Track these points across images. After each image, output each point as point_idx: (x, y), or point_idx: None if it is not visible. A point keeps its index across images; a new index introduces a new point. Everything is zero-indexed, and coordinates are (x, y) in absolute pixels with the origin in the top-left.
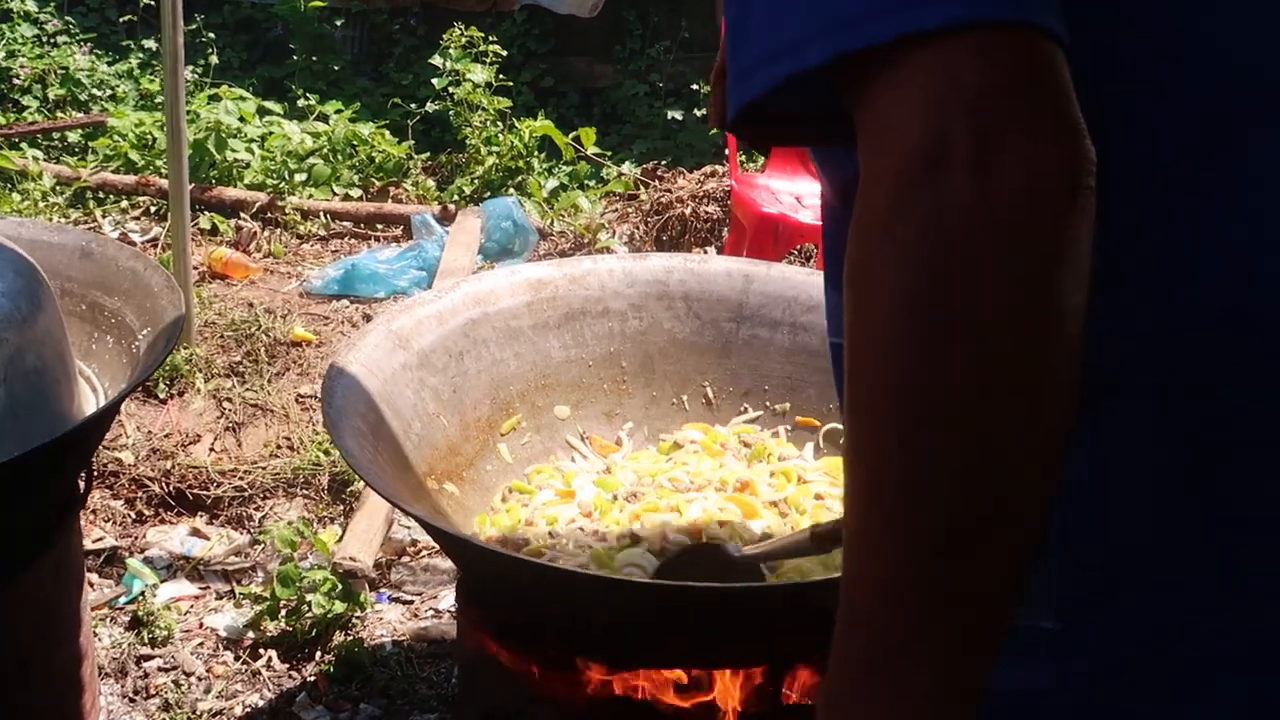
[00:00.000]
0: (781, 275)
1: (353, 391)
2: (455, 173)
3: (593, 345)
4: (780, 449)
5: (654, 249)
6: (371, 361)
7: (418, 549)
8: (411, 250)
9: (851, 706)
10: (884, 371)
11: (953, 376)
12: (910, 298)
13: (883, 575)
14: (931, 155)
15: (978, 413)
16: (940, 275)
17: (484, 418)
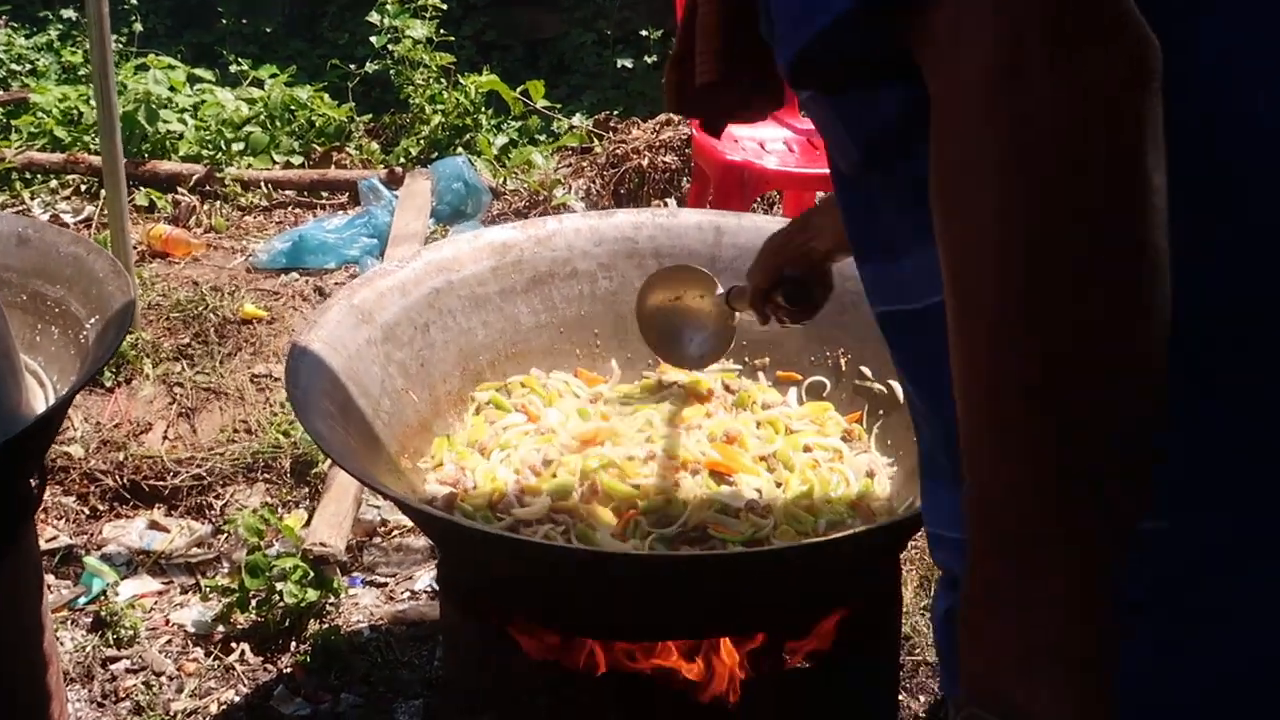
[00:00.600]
0: (754, 225)
1: (317, 371)
2: (400, 134)
3: (563, 309)
4: (763, 395)
5: (612, 203)
6: (334, 338)
7: (389, 529)
8: (360, 217)
9: (998, 624)
10: (1002, 273)
11: (1071, 262)
12: (1016, 195)
13: (1021, 482)
14: (1011, 60)
15: (1103, 293)
16: (1042, 169)
17: (454, 390)
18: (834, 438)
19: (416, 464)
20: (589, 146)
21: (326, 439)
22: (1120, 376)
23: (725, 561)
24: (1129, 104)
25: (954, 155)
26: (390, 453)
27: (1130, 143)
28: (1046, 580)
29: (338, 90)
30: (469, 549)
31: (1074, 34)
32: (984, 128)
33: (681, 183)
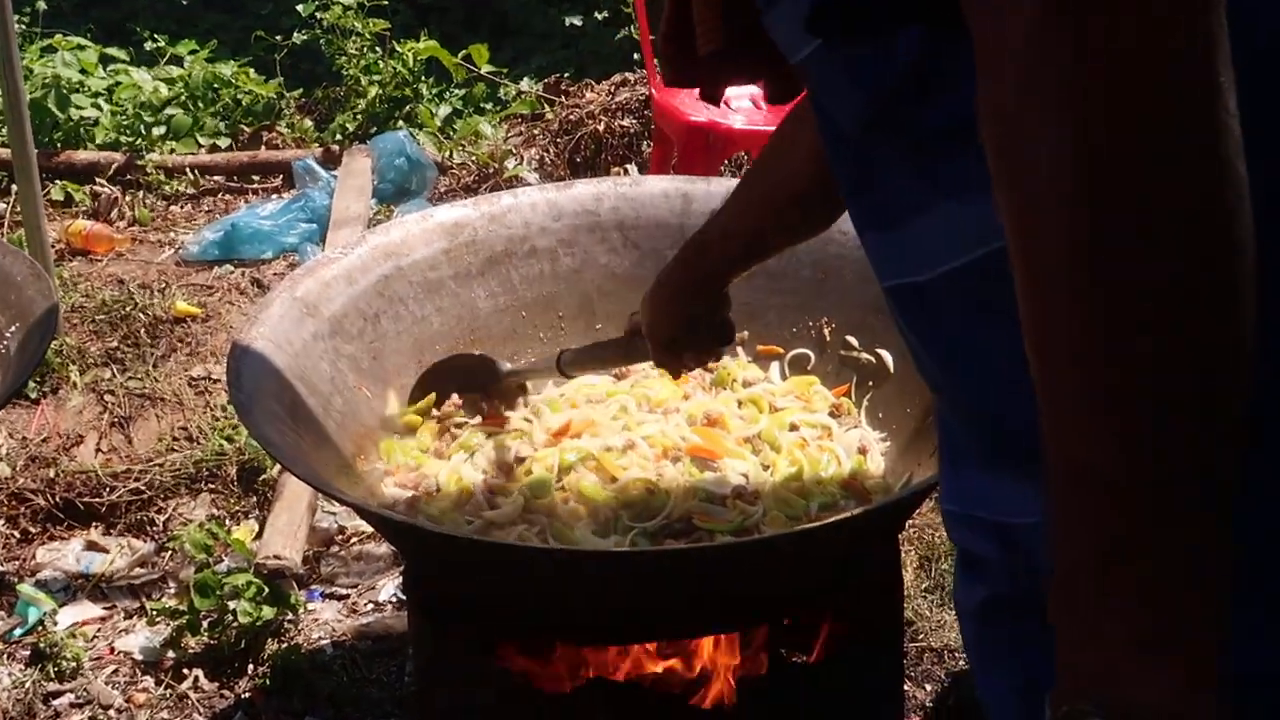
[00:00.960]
0: (724, 190)
1: (262, 371)
2: (334, 109)
3: (523, 290)
4: (744, 372)
5: (567, 173)
6: (278, 335)
7: (347, 537)
8: (296, 201)
9: (1113, 615)
10: (1072, 228)
11: (1155, 212)
12: (1087, 142)
13: (1113, 455)
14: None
15: (1190, 243)
16: (1116, 113)
17: (410, 384)
18: (822, 414)
19: (375, 465)
20: (540, 113)
21: (276, 444)
22: (1218, 309)
23: (713, 554)
24: (1198, 38)
25: (1005, 112)
26: (346, 455)
27: (1206, 81)
28: (1166, 565)
29: (264, 64)
30: (437, 555)
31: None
32: (1045, 73)
33: (642, 147)
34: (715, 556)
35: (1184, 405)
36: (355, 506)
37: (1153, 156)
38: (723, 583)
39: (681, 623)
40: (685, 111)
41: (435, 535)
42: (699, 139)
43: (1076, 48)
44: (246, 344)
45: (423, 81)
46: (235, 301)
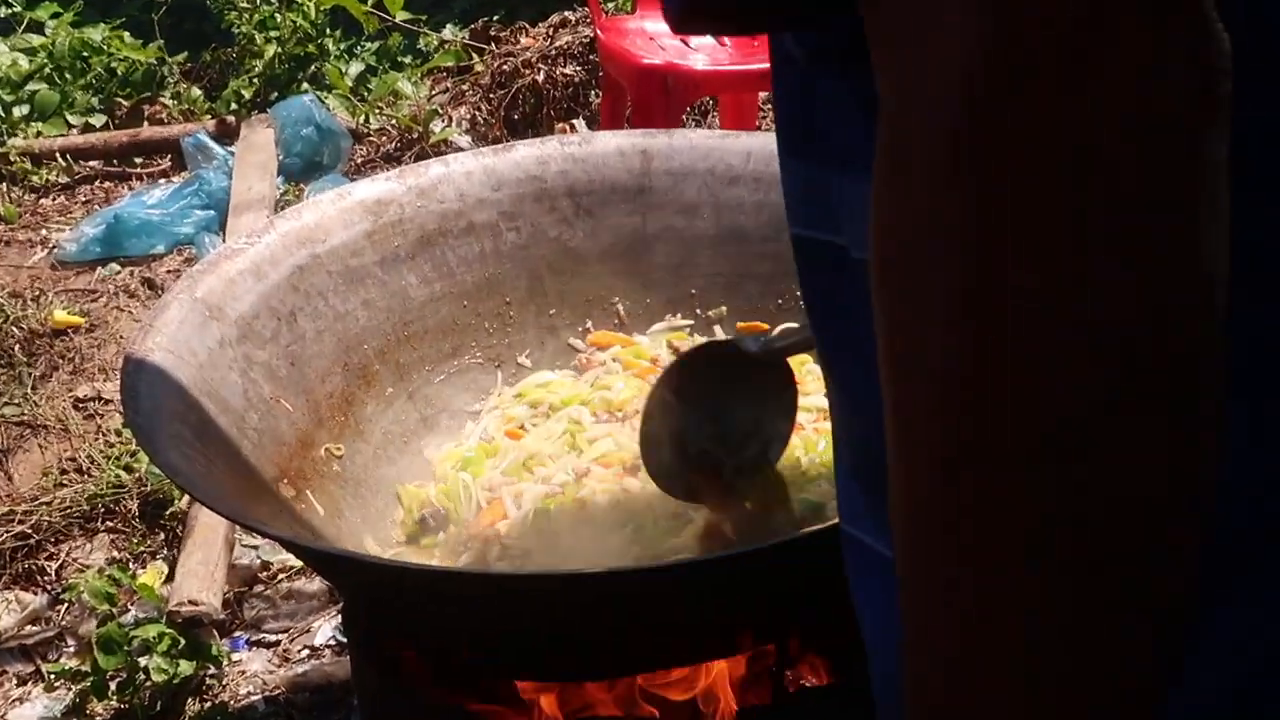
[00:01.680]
0: (688, 144)
1: (162, 388)
2: (227, 74)
3: (461, 274)
4: None
5: (505, 133)
6: (179, 344)
7: (272, 574)
8: (189, 185)
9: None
10: (978, 410)
11: (1090, 395)
12: (998, 283)
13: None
14: (1004, 65)
15: (1134, 445)
16: (1054, 242)
17: (337, 392)
18: (817, 396)
19: (303, 491)
20: (468, 65)
21: (185, 474)
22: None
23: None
24: (1179, 141)
25: (898, 220)
26: (267, 479)
27: (1180, 211)
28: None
29: (140, 26)
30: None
31: (1104, 24)
32: (959, 177)
33: (590, 98)
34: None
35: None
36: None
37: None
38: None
39: (669, 650)
40: (637, 53)
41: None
42: (655, 84)
43: (1011, 158)
44: (142, 357)
45: (328, 36)
46: (125, 307)
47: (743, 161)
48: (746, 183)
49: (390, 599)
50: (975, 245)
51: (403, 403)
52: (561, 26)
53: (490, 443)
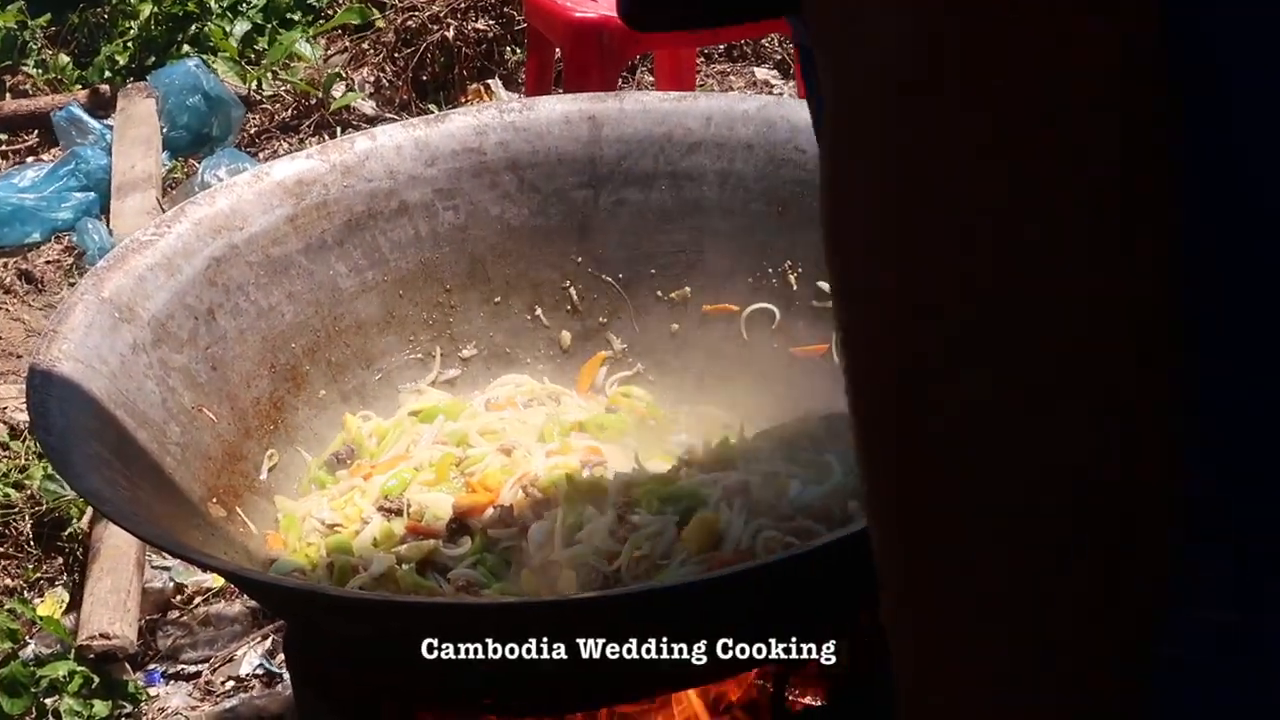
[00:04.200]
0: (641, 108)
1: (74, 403)
2: (97, 38)
3: (395, 260)
4: None
5: (412, 96)
6: (88, 351)
7: (187, 596)
8: (64, 165)
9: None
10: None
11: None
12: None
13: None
14: (914, 62)
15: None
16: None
17: (264, 396)
18: None
19: (234, 510)
20: (370, 22)
21: (112, 502)
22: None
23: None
24: (1097, 155)
25: (827, 190)
26: (194, 500)
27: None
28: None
29: None
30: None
31: (1020, 21)
32: (862, 166)
33: (505, 57)
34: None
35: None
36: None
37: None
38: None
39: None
40: (567, 6)
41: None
42: (590, 39)
43: (908, 158)
44: (48, 368)
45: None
46: (1, 304)
47: (703, 126)
48: (708, 149)
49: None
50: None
51: (337, 405)
52: None
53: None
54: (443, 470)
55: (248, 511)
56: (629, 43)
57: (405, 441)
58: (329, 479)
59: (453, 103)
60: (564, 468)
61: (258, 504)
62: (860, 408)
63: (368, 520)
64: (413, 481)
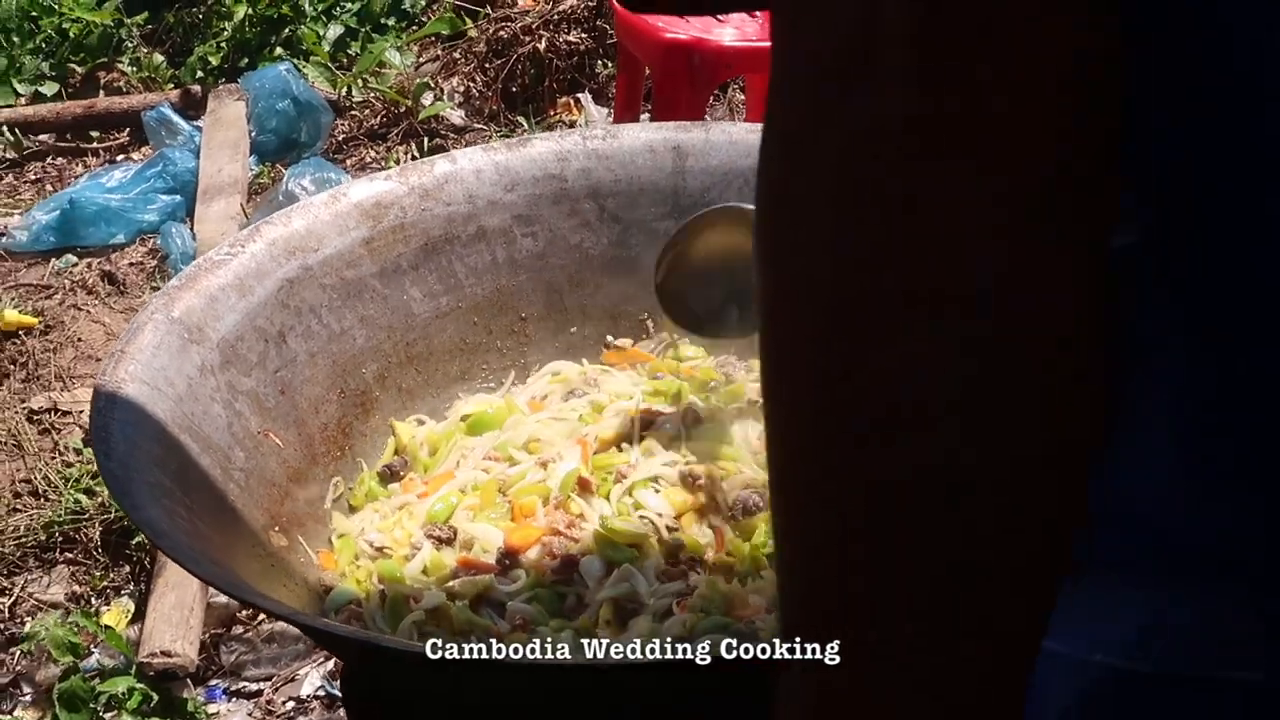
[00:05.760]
0: (727, 139)
1: (138, 427)
2: (191, 37)
3: (471, 286)
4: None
5: (501, 107)
6: (154, 373)
7: (252, 613)
8: (152, 166)
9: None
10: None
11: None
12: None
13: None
14: (855, 49)
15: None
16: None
17: (333, 423)
18: None
19: (295, 539)
20: (462, 30)
21: (168, 535)
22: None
23: None
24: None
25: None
26: (255, 529)
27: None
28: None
29: None
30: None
31: (974, 19)
32: (799, 149)
33: (596, 69)
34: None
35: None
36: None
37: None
38: None
39: None
40: (659, 26)
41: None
42: (680, 61)
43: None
44: (114, 390)
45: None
46: (83, 305)
47: None
48: None
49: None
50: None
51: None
52: None
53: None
54: (487, 496)
55: (309, 539)
56: (720, 65)
57: (455, 456)
58: (382, 492)
59: (542, 115)
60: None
61: (320, 532)
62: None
63: (417, 545)
64: (459, 506)
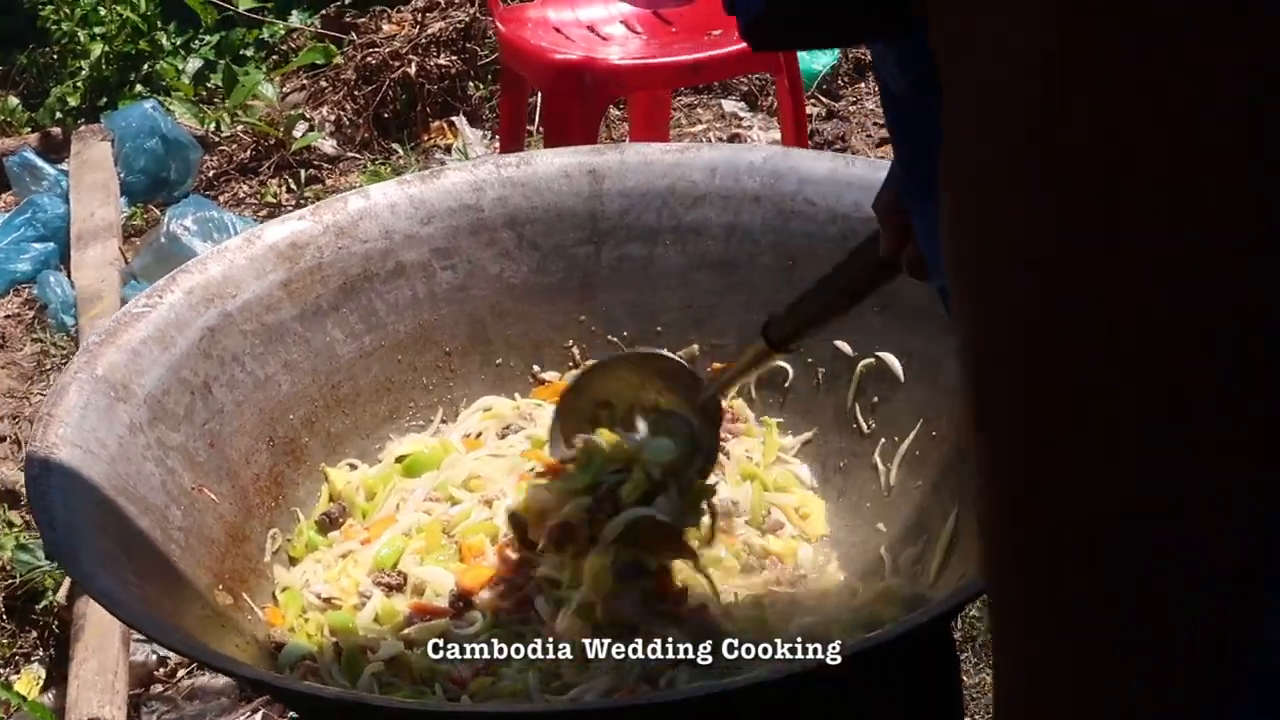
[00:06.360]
0: (643, 160)
1: (76, 493)
2: (46, 78)
3: (392, 323)
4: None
5: (374, 134)
6: (85, 434)
7: (170, 669)
8: (20, 214)
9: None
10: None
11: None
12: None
13: None
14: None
15: None
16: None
17: (265, 473)
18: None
19: (240, 597)
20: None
21: (125, 605)
22: None
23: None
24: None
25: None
26: (201, 589)
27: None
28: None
29: None
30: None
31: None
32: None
33: (468, 91)
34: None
35: None
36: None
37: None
38: None
39: None
40: (547, 48)
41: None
42: (570, 82)
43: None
44: (46, 455)
45: (161, 30)
46: None
47: (707, 178)
48: (712, 202)
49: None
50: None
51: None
52: (430, 10)
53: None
54: (433, 538)
55: (253, 596)
56: (612, 84)
57: (394, 500)
58: (322, 541)
59: (415, 141)
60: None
61: (264, 587)
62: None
63: (366, 593)
64: (405, 550)
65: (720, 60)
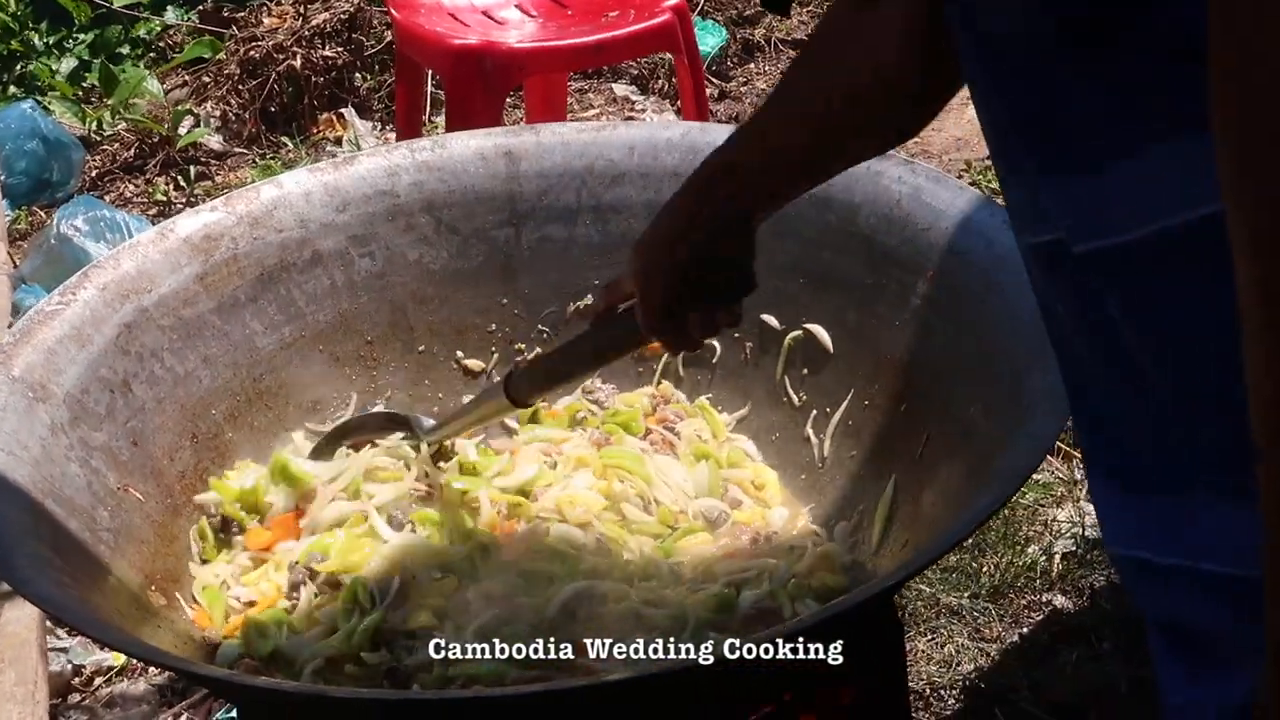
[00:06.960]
0: (559, 140)
1: (3, 497)
2: None
3: (312, 313)
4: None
5: (261, 128)
6: (6, 437)
7: (86, 678)
8: None
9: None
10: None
11: None
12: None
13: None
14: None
15: None
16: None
17: (190, 470)
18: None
19: (174, 597)
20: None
21: (70, 610)
22: None
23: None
24: None
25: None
26: (135, 590)
27: None
28: None
29: None
30: None
31: None
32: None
33: (355, 82)
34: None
35: None
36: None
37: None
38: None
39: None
40: (445, 33)
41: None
42: (470, 67)
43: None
44: None
45: (32, 29)
46: None
47: (625, 157)
48: (632, 180)
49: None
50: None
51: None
52: (311, 2)
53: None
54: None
55: (185, 596)
56: (513, 67)
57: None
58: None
59: (304, 134)
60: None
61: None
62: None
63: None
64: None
65: (623, 40)
